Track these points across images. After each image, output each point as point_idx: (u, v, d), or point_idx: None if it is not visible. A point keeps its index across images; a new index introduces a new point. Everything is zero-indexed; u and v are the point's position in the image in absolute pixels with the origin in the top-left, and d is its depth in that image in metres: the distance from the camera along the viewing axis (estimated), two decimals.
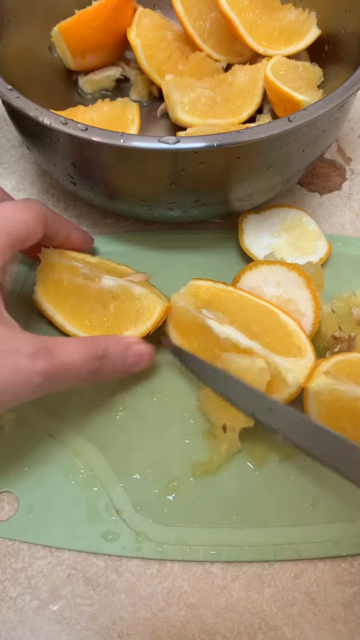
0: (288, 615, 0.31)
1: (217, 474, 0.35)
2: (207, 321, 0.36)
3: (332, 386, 0.33)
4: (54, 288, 0.38)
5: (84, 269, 0.38)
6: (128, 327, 0.37)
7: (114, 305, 0.37)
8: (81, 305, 0.38)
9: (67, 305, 0.38)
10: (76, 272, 0.38)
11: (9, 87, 0.39)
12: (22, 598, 0.32)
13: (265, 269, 0.39)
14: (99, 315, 0.37)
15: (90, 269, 0.38)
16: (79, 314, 0.38)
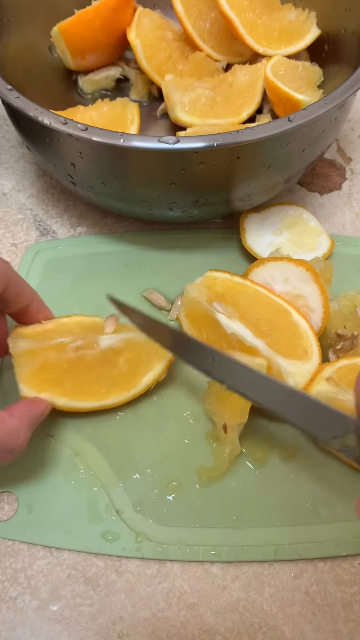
0: (288, 615, 0.31)
1: (222, 479, 0.34)
2: (217, 315, 0.36)
3: (332, 394, 0.33)
4: (42, 375, 0.34)
5: (74, 341, 0.35)
6: (146, 372, 0.36)
7: (124, 359, 0.35)
8: (85, 377, 0.35)
9: (68, 384, 0.35)
10: (63, 348, 0.35)
11: (8, 87, 0.39)
12: (22, 598, 0.32)
13: (273, 266, 0.39)
14: (110, 376, 0.35)
15: (81, 337, 0.35)
16: (86, 387, 0.35)
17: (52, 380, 0.34)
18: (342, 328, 0.38)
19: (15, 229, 0.48)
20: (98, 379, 0.35)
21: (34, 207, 0.50)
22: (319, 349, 0.35)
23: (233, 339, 0.36)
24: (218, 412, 0.35)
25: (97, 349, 0.35)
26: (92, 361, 0.35)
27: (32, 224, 0.48)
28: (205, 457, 0.35)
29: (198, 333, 0.38)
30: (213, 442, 0.36)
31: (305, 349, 0.35)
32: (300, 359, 0.34)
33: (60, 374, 0.34)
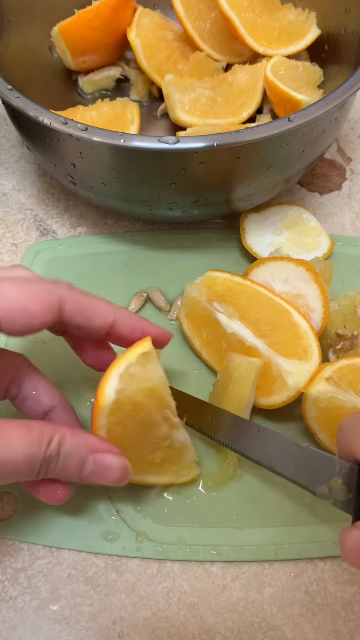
0: (288, 615, 0.31)
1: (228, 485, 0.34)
2: (217, 315, 0.36)
3: (332, 394, 0.33)
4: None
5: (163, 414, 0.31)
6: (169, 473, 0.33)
7: (161, 454, 0.32)
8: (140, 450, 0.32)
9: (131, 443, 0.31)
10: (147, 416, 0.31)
11: (9, 87, 0.39)
12: (22, 598, 0.32)
13: (273, 266, 0.39)
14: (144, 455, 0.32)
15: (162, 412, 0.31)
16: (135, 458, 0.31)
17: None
18: (342, 328, 0.38)
19: (16, 229, 0.48)
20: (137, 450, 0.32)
21: (34, 207, 0.50)
22: (319, 349, 0.35)
23: (233, 339, 0.36)
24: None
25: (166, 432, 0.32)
26: (154, 437, 0.32)
27: (32, 224, 0.48)
28: (207, 458, 0.35)
29: (198, 333, 0.39)
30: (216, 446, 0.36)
31: (305, 349, 0.35)
32: (300, 358, 0.34)
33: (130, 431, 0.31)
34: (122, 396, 0.29)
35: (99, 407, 0.29)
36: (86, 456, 0.27)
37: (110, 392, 0.29)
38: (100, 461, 0.28)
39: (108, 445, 0.28)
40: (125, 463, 0.29)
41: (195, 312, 0.38)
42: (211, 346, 0.38)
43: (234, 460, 0.34)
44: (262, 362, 0.34)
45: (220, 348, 0.37)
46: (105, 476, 0.28)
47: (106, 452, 0.28)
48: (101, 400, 0.29)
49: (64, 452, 0.26)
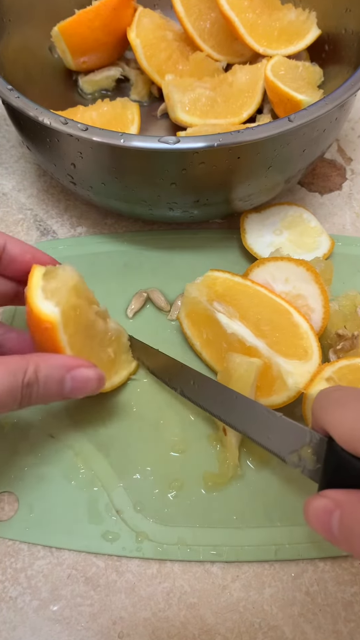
0: (288, 615, 0.31)
1: (228, 485, 0.34)
2: (217, 315, 0.36)
3: None
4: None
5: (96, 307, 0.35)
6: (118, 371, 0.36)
7: (112, 349, 0.35)
8: (90, 343, 0.34)
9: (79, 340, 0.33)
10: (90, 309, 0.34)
11: (9, 87, 0.39)
12: (22, 598, 0.32)
13: (273, 266, 0.39)
14: (100, 357, 0.34)
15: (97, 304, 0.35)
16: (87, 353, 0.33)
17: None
18: (343, 328, 0.38)
19: (16, 229, 0.48)
20: (94, 353, 0.34)
21: (34, 207, 0.50)
22: (319, 349, 0.35)
23: (233, 339, 0.36)
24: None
25: (104, 326, 0.35)
26: (98, 334, 0.34)
27: (32, 224, 0.48)
28: (207, 459, 0.35)
29: (198, 333, 0.39)
30: (217, 444, 0.36)
31: (306, 349, 0.35)
32: (301, 359, 0.34)
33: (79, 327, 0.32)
34: (64, 307, 0.30)
35: (53, 328, 0.30)
36: (63, 375, 0.29)
37: (51, 310, 0.30)
38: (77, 376, 0.29)
39: (79, 360, 0.30)
40: (99, 372, 0.31)
41: (196, 312, 0.38)
42: (211, 346, 0.38)
43: (234, 461, 0.34)
44: (262, 362, 0.34)
45: (220, 348, 0.37)
46: (84, 389, 0.30)
47: (80, 366, 0.30)
48: (48, 319, 0.30)
49: (42, 378, 0.28)
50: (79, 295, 0.32)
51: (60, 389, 0.29)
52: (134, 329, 0.40)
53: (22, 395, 0.27)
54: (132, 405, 0.37)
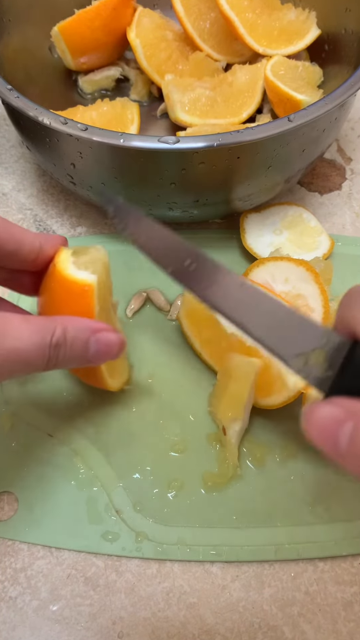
0: (288, 615, 0.31)
1: (228, 485, 0.34)
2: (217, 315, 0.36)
3: None
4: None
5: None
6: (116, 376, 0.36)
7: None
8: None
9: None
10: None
11: (8, 87, 0.39)
12: (21, 598, 0.32)
13: (273, 266, 0.39)
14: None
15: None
16: None
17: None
18: None
19: None
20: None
21: (33, 207, 0.50)
22: None
23: (233, 339, 0.36)
24: (218, 413, 0.35)
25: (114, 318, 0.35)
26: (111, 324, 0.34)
27: (32, 224, 0.48)
28: (207, 459, 0.35)
29: (198, 332, 0.39)
30: (216, 444, 0.36)
31: None
32: None
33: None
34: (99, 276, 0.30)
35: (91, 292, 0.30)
36: (89, 338, 0.29)
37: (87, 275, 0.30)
38: (102, 339, 0.29)
39: (104, 325, 0.30)
40: (121, 337, 0.30)
41: (195, 312, 0.38)
42: (211, 346, 0.38)
43: (233, 461, 0.34)
44: (262, 362, 0.34)
45: (220, 348, 0.37)
46: (107, 353, 0.30)
47: (104, 330, 0.30)
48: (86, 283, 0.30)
49: (70, 338, 0.28)
50: (107, 275, 0.33)
51: (85, 351, 0.29)
52: (134, 328, 0.41)
53: (49, 355, 0.27)
54: (132, 406, 0.37)
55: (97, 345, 0.29)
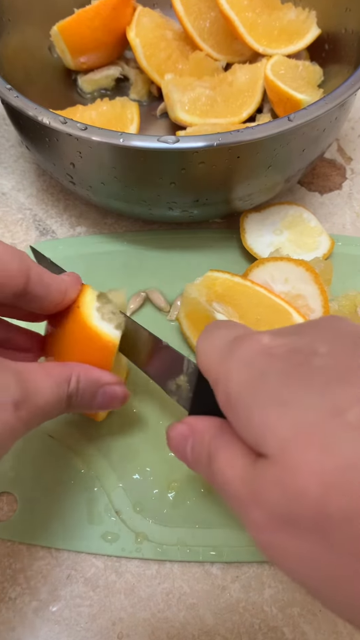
0: (288, 616, 0.31)
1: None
2: (216, 315, 0.36)
3: None
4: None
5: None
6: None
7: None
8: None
9: None
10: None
11: (8, 87, 0.39)
12: (21, 599, 0.32)
13: (272, 266, 0.39)
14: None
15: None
16: None
17: None
18: None
19: (15, 229, 0.48)
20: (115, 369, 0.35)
21: (33, 206, 0.50)
22: None
23: None
24: None
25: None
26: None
27: (31, 224, 0.48)
28: None
29: (197, 333, 0.39)
30: None
31: None
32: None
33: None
34: (122, 329, 0.31)
35: (113, 349, 0.30)
36: (97, 390, 0.30)
37: (112, 332, 0.30)
38: (108, 392, 0.30)
39: (113, 377, 0.31)
40: (125, 390, 0.32)
41: (195, 313, 0.38)
42: None
43: None
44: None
45: None
46: (110, 405, 0.31)
47: (112, 384, 0.31)
48: (111, 341, 0.30)
49: (81, 389, 0.29)
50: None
51: (91, 402, 0.30)
52: None
53: (65, 404, 0.28)
54: (132, 406, 0.37)
55: (103, 397, 0.30)
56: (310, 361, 0.17)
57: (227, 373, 0.20)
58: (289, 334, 0.20)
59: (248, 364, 0.19)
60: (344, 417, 0.15)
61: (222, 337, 0.23)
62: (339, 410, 0.16)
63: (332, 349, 0.18)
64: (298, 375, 0.17)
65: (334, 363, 0.17)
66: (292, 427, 0.16)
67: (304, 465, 0.15)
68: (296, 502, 0.15)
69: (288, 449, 0.16)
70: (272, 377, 0.18)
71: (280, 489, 0.16)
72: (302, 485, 0.15)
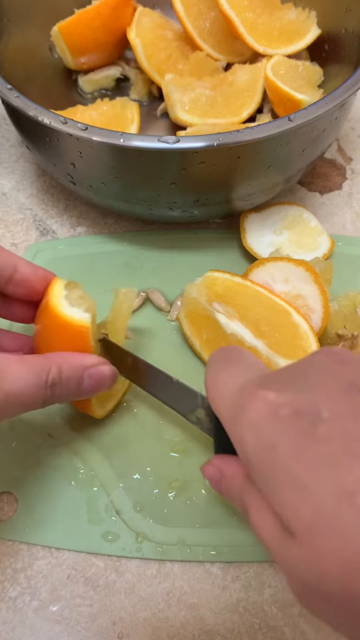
0: (288, 615, 0.31)
1: None
2: (216, 315, 0.36)
3: None
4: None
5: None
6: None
7: None
8: None
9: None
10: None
11: (8, 87, 0.39)
12: (21, 598, 0.32)
13: (272, 266, 0.39)
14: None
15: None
16: None
17: None
18: (342, 328, 0.38)
19: (15, 229, 0.48)
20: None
21: (33, 206, 0.50)
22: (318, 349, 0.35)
23: (232, 339, 0.36)
24: None
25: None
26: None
27: (31, 224, 0.48)
28: (207, 458, 0.35)
29: (198, 333, 0.39)
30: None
31: (305, 349, 0.35)
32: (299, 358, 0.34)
33: None
34: (92, 314, 0.31)
35: (86, 332, 0.30)
36: (83, 374, 0.30)
37: (81, 315, 0.30)
38: (95, 374, 0.30)
39: (96, 359, 0.31)
40: (113, 368, 0.32)
41: (195, 313, 0.38)
42: (211, 346, 0.38)
43: None
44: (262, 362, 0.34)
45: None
46: (99, 386, 0.31)
47: (97, 365, 0.31)
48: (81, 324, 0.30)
49: (65, 377, 0.29)
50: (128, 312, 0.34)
51: (78, 387, 0.30)
52: (133, 329, 0.40)
53: (45, 395, 0.28)
54: (132, 406, 0.37)
55: (89, 380, 0.30)
56: (316, 430, 0.18)
57: (241, 437, 0.21)
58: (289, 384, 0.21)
59: (258, 431, 0.20)
60: (355, 501, 0.17)
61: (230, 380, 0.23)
62: (350, 495, 0.17)
63: (333, 411, 0.18)
64: (308, 450, 0.18)
65: (338, 432, 0.18)
66: (313, 513, 0.17)
67: (327, 551, 0.17)
68: (324, 582, 0.17)
69: (312, 535, 0.17)
70: (284, 452, 0.18)
71: (308, 569, 0.17)
72: (327, 568, 0.17)
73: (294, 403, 0.19)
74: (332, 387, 0.19)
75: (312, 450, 0.18)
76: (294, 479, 0.18)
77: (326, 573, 0.17)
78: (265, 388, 0.21)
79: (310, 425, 0.18)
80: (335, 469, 0.17)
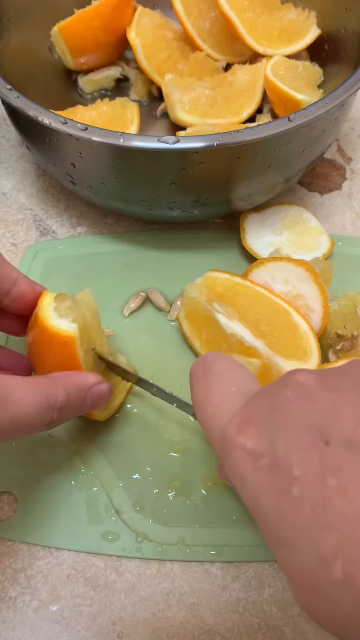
0: (288, 615, 0.31)
1: (229, 485, 0.34)
2: (216, 315, 0.36)
3: None
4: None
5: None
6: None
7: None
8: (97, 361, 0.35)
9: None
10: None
11: (8, 87, 0.39)
12: (21, 598, 0.32)
13: (272, 266, 0.39)
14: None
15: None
16: None
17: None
18: (342, 328, 0.38)
19: (15, 229, 0.48)
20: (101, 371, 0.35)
21: (33, 207, 0.50)
22: (318, 349, 0.35)
23: (232, 339, 0.36)
24: None
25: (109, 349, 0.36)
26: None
27: (31, 224, 0.48)
28: (207, 459, 0.35)
29: (197, 333, 0.39)
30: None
31: (305, 350, 0.35)
32: (300, 359, 0.34)
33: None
34: (80, 323, 0.31)
35: (72, 343, 0.30)
36: (86, 394, 0.30)
37: (67, 325, 0.30)
38: (95, 393, 0.31)
39: (96, 378, 0.31)
40: (110, 385, 0.32)
41: (195, 313, 0.38)
42: (211, 346, 0.38)
43: None
44: (262, 362, 0.34)
45: (220, 348, 0.37)
46: (98, 405, 0.32)
47: (97, 383, 0.31)
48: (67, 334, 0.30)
49: (72, 400, 0.29)
50: (93, 315, 0.33)
51: (81, 407, 0.31)
52: (134, 329, 0.40)
53: (52, 418, 0.28)
54: (132, 406, 0.37)
55: (92, 399, 0.31)
56: (291, 490, 0.18)
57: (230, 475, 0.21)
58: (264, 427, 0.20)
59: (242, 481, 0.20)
60: (331, 572, 0.17)
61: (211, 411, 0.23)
62: (326, 565, 0.17)
63: (303, 467, 0.18)
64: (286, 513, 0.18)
65: (308, 495, 0.18)
66: (300, 574, 0.18)
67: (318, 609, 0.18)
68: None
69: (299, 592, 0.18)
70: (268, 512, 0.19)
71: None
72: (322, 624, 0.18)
73: (270, 455, 0.19)
74: (302, 437, 0.19)
75: (290, 513, 0.18)
76: (278, 539, 0.18)
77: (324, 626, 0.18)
78: (243, 435, 0.20)
79: (286, 483, 0.18)
80: (310, 537, 0.17)
